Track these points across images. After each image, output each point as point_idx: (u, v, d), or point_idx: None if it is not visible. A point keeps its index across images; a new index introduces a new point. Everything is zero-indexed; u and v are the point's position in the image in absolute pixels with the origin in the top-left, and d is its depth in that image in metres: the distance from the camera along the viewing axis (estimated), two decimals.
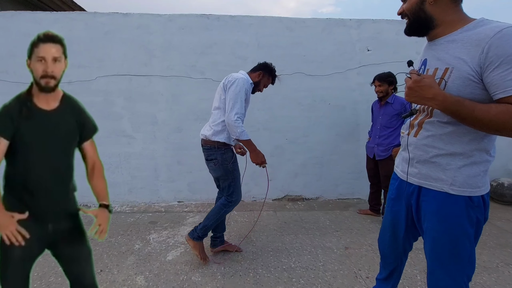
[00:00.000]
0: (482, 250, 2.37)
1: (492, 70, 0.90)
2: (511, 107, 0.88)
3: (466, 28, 0.98)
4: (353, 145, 3.49)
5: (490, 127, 0.93)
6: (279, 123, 3.43)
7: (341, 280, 2.00)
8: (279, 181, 3.52)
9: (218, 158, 2.12)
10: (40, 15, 3.16)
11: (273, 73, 2.35)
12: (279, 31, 3.31)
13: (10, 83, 3.15)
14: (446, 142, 1.04)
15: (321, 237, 2.60)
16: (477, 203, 1.03)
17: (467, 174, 1.02)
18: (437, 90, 0.96)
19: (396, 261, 1.40)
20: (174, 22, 3.23)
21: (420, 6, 1.03)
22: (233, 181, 2.17)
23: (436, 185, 1.07)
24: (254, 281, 1.99)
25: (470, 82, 0.95)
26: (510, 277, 2.03)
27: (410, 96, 1.02)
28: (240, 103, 2.03)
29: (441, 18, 1.02)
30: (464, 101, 0.93)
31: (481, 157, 1.02)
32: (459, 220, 1.04)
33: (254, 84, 2.30)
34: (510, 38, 0.88)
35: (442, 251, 1.08)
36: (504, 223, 2.88)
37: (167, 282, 1.98)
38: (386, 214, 1.38)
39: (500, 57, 0.88)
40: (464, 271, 1.08)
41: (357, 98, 3.43)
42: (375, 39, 3.34)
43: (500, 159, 3.66)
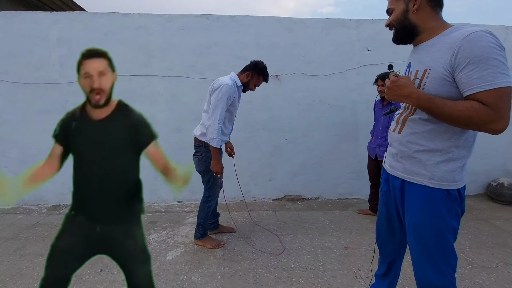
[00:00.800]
0: (481, 250, 2.38)
1: (461, 70, 0.99)
2: (475, 103, 0.98)
3: (443, 34, 1.09)
4: (352, 145, 3.50)
5: (458, 122, 1.02)
6: (279, 123, 3.43)
7: (341, 279, 2.01)
8: (279, 181, 3.52)
9: (203, 155, 2.29)
10: (40, 15, 3.16)
11: (264, 72, 2.34)
12: (278, 32, 3.31)
13: (10, 83, 3.15)
14: (427, 139, 1.13)
15: (321, 237, 2.61)
16: (454, 196, 1.12)
17: (445, 169, 1.11)
18: (412, 89, 1.07)
19: (394, 254, 1.47)
20: (173, 23, 3.23)
21: (405, 15, 1.16)
22: (211, 177, 2.31)
23: (417, 179, 1.17)
24: (254, 281, 1.99)
25: (445, 82, 1.04)
26: (509, 277, 2.04)
27: (389, 94, 1.14)
28: (220, 109, 2.15)
29: (423, 25, 1.14)
30: (435, 98, 1.04)
31: (459, 153, 1.11)
32: (440, 211, 1.12)
33: (243, 85, 2.33)
34: (476, 41, 0.97)
35: (427, 243, 1.16)
36: (503, 223, 2.88)
37: (167, 282, 1.99)
38: (381, 207, 1.44)
39: (467, 58, 0.97)
40: (449, 262, 1.15)
41: (356, 98, 3.44)
42: (375, 39, 3.35)
43: (499, 159, 3.69)
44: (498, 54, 0.96)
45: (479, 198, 3.57)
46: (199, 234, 2.41)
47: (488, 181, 3.60)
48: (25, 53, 3.16)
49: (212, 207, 2.45)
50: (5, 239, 2.58)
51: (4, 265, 2.18)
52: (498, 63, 0.95)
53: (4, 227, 2.83)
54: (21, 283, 1.97)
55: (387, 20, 1.24)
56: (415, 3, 1.12)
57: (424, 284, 1.19)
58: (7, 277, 2.04)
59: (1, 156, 3.29)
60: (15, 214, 3.15)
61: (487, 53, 0.95)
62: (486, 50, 0.95)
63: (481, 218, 3.00)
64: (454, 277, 1.17)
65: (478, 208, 3.29)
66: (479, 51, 0.96)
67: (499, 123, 0.97)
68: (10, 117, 3.22)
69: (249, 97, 3.34)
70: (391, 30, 1.25)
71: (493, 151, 3.60)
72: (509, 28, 3.47)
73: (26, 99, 3.20)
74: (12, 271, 2.11)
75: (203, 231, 2.42)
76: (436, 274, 1.15)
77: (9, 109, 3.20)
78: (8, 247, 2.45)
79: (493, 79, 0.95)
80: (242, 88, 2.37)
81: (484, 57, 0.95)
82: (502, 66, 0.96)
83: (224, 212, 3.15)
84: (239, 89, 2.34)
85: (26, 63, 3.16)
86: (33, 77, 3.16)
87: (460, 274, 2.06)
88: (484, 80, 0.95)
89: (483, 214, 3.11)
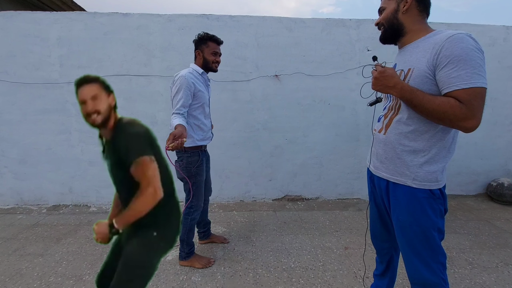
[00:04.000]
0: (482, 250, 2.37)
1: (441, 69, 1.05)
2: (451, 100, 1.03)
3: (427, 36, 1.15)
4: (352, 145, 3.50)
5: (434, 115, 1.07)
6: (279, 123, 3.43)
7: (341, 280, 2.01)
8: (279, 181, 3.52)
9: (183, 160, 2.06)
10: (40, 15, 3.16)
11: (206, 36, 2.08)
12: (278, 31, 3.31)
13: (10, 83, 3.15)
14: (410, 139, 1.18)
15: (321, 237, 2.61)
16: (437, 195, 1.16)
17: (427, 170, 1.15)
18: (397, 79, 1.12)
19: (390, 251, 1.50)
20: (173, 22, 3.23)
21: (394, 14, 1.22)
22: (194, 184, 2.07)
23: (401, 179, 1.20)
24: (254, 281, 1.99)
25: (427, 80, 1.10)
26: (509, 277, 2.03)
27: (375, 85, 1.18)
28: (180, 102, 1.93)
29: (410, 27, 1.20)
30: (417, 91, 1.09)
31: (441, 154, 1.15)
32: (424, 210, 1.16)
33: (204, 67, 2.10)
34: (458, 42, 1.02)
35: (414, 241, 1.19)
36: (504, 223, 2.88)
37: (167, 282, 1.98)
38: (371, 207, 1.48)
39: (448, 57, 1.03)
40: (438, 259, 1.18)
41: (356, 98, 3.43)
42: (375, 39, 3.30)
43: (499, 159, 3.69)
44: (476, 56, 1.01)
45: (479, 198, 3.56)
46: (184, 253, 2.15)
47: (488, 181, 3.60)
48: (25, 52, 3.15)
49: (196, 220, 2.18)
50: (5, 239, 2.58)
51: (4, 265, 2.18)
52: (475, 64, 1.00)
53: (4, 227, 2.83)
54: (21, 283, 1.97)
55: (378, 19, 1.29)
56: (405, 4, 1.18)
57: (416, 281, 1.22)
58: (6, 277, 2.04)
59: (1, 156, 3.29)
60: (15, 214, 3.15)
61: (466, 54, 1.00)
62: (466, 51, 1.00)
63: (481, 219, 3.00)
64: (445, 274, 1.20)
65: (479, 208, 3.29)
66: (459, 51, 1.01)
67: (470, 121, 1.03)
68: (10, 117, 3.22)
69: (249, 97, 3.34)
70: (379, 29, 1.30)
71: (494, 151, 3.60)
72: (509, 28, 3.46)
73: (26, 99, 3.20)
74: (12, 271, 2.10)
75: (189, 249, 2.16)
76: (426, 271, 1.18)
77: (9, 109, 3.20)
78: (8, 247, 2.44)
79: (469, 78, 1.00)
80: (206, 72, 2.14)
81: (463, 58, 1.00)
82: (479, 68, 1.01)
83: (224, 212, 3.15)
84: (203, 75, 2.11)
85: (26, 63, 3.16)
86: (33, 77, 3.16)
87: (461, 275, 2.06)
88: (461, 79, 1.01)
89: (483, 215, 3.10)
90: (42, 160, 3.30)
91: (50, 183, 3.36)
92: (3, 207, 3.31)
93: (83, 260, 2.25)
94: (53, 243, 2.51)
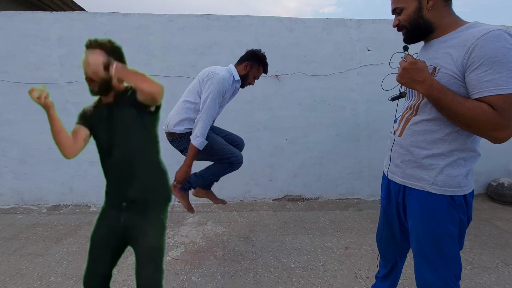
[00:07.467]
0: (482, 250, 2.37)
1: (472, 70, 0.93)
2: (485, 105, 0.91)
3: (458, 30, 1.02)
4: (353, 145, 3.49)
5: (462, 120, 0.96)
6: (279, 123, 3.43)
7: (341, 280, 2.00)
8: (279, 181, 3.52)
9: (187, 146, 1.98)
10: (40, 15, 3.16)
11: (264, 61, 2.09)
12: (279, 31, 3.31)
13: (10, 83, 3.15)
14: (429, 142, 1.07)
15: (321, 237, 2.60)
16: (459, 202, 1.05)
17: (448, 174, 1.05)
18: (427, 74, 1.00)
19: (395, 258, 1.44)
20: (174, 22, 3.23)
21: (418, 14, 1.07)
22: (220, 151, 1.99)
23: (418, 184, 1.11)
24: (254, 281, 1.99)
25: (454, 81, 0.98)
26: (510, 277, 2.03)
27: (402, 77, 1.05)
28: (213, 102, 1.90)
29: (438, 22, 1.07)
30: (448, 90, 0.97)
31: (464, 157, 1.05)
32: (441, 219, 1.06)
33: (241, 78, 2.07)
34: (494, 40, 0.89)
35: (426, 249, 1.11)
36: (504, 223, 2.88)
37: (167, 282, 1.98)
38: (381, 214, 1.41)
39: (481, 58, 0.90)
40: (451, 269, 1.09)
41: (357, 98, 3.43)
42: (375, 39, 3.34)
43: (500, 159, 3.68)
44: None
45: (479, 198, 3.56)
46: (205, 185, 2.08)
47: (488, 181, 3.60)
48: (25, 52, 3.15)
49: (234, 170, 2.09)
50: (5, 239, 2.58)
51: (4, 265, 2.18)
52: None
53: (4, 227, 2.83)
54: (21, 283, 1.97)
55: (395, 20, 1.15)
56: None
57: None
58: (7, 277, 2.04)
59: (1, 155, 3.29)
60: (15, 214, 3.15)
61: (503, 55, 0.88)
62: (503, 52, 0.88)
63: (482, 219, 2.99)
64: (458, 286, 1.11)
65: (479, 208, 3.28)
66: (495, 52, 0.89)
67: (504, 132, 0.92)
68: (10, 116, 3.22)
69: (249, 97, 3.33)
70: (399, 31, 1.16)
71: (495, 151, 3.59)
72: (509, 28, 3.46)
73: (26, 98, 3.16)
74: (12, 271, 2.10)
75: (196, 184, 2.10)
76: (435, 280, 1.10)
77: (9, 108, 3.20)
78: (8, 247, 2.44)
79: (505, 83, 0.88)
80: (240, 82, 2.10)
81: (499, 59, 0.88)
82: None
83: (224, 212, 3.15)
84: (236, 83, 2.06)
85: (26, 63, 3.16)
86: (33, 76, 3.16)
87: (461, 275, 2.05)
88: (495, 83, 0.89)
89: (484, 215, 3.10)
90: (43, 160, 3.30)
91: (51, 183, 3.36)
92: (3, 207, 3.31)
93: (83, 260, 2.25)
94: (53, 243, 2.51)
